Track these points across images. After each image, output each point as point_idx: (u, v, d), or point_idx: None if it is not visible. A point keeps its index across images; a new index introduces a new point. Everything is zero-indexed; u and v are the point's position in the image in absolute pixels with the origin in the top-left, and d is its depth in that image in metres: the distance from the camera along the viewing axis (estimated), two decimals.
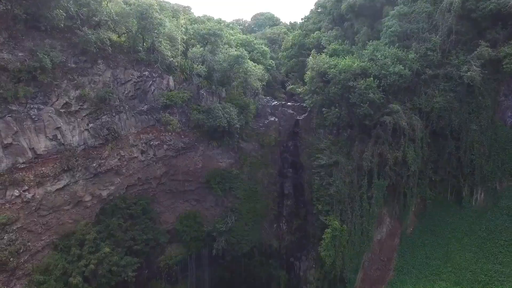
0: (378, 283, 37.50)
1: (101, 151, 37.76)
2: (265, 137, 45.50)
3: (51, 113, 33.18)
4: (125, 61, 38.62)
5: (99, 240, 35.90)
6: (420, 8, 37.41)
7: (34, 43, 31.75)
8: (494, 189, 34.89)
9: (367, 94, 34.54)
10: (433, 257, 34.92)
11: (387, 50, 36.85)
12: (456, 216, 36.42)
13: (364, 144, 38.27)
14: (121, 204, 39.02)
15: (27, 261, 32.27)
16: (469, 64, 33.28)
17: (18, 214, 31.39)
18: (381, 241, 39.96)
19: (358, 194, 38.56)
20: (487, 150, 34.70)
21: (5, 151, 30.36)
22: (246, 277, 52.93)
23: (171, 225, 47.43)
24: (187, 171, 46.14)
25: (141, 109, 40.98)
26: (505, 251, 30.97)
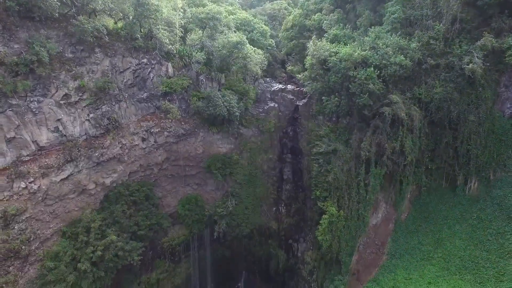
0: (372, 265, 39.49)
1: (103, 141, 38.20)
2: (265, 123, 45.70)
3: (51, 105, 33.23)
4: (122, 49, 37.97)
5: (105, 226, 37.34)
6: None
7: (29, 34, 31.15)
8: (487, 179, 35.75)
9: (367, 85, 34.36)
10: (425, 242, 36.56)
11: (389, 39, 36.10)
12: (449, 203, 37.61)
13: (362, 133, 38.62)
14: (124, 191, 40.08)
15: (38, 248, 33.83)
16: (472, 55, 32.81)
17: (26, 205, 32.46)
18: (376, 226, 41.53)
19: (356, 182, 39.47)
20: (483, 141, 35.11)
21: (8, 145, 30.79)
22: (246, 255, 55.44)
23: (173, 208, 49.00)
24: (188, 157, 46.89)
25: (140, 97, 40.89)
26: (492, 239, 32.40)
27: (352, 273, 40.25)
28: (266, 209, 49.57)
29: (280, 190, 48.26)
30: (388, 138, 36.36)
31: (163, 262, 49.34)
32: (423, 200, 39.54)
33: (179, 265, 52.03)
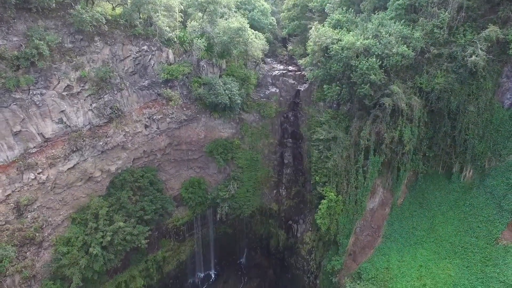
0: (368, 247, 41.61)
1: (106, 129, 38.76)
2: (266, 108, 45.96)
3: (54, 97, 33.41)
4: (122, 36, 37.36)
5: (112, 212, 38.93)
6: None
7: (27, 26, 30.67)
8: (482, 167, 36.73)
9: (369, 76, 34.28)
10: (418, 227, 38.32)
11: (392, 27, 35.40)
12: (444, 190, 38.93)
13: (362, 121, 39.08)
14: (129, 177, 41.26)
15: (50, 234, 35.60)
16: (475, 46, 32.48)
17: (36, 195, 33.73)
18: (373, 210, 43.20)
19: (354, 168, 40.51)
20: (481, 131, 35.65)
21: (15, 138, 31.41)
22: (248, 233, 58.04)
23: (177, 191, 50.56)
24: (190, 141, 47.65)
25: (142, 84, 40.83)
26: (482, 226, 33.99)
27: (349, 254, 42.47)
28: (267, 191, 51.18)
29: (280, 173, 49.53)
30: (388, 128, 36.89)
31: (168, 241, 51.79)
32: (419, 186, 40.85)
33: (184, 243, 54.66)
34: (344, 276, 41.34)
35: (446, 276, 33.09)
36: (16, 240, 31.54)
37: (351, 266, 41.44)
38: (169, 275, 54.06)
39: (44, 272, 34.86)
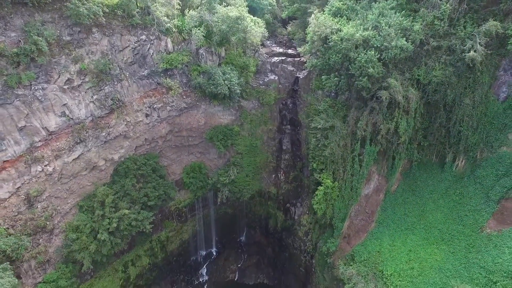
0: (361, 231, 43.78)
1: (108, 120, 39.48)
2: (265, 95, 46.31)
3: (55, 91, 33.83)
4: (120, 27, 37.02)
5: (118, 200, 40.62)
6: None
7: (24, 21, 30.49)
8: (474, 158, 37.85)
9: (367, 69, 34.46)
10: (410, 214, 40.18)
11: (393, 18, 35.01)
12: (436, 178, 40.35)
13: (360, 112, 39.69)
14: (132, 166, 42.55)
15: (60, 221, 37.48)
16: (474, 39, 32.40)
17: (44, 186, 35.16)
18: (368, 195, 44.90)
19: (351, 157, 41.70)
20: (475, 123, 36.40)
21: (21, 133, 32.25)
22: (247, 213, 60.39)
23: (179, 175, 52.15)
24: (191, 128, 48.49)
25: (141, 74, 40.97)
26: (469, 215, 35.72)
27: (343, 237, 44.73)
28: (266, 176, 52.76)
29: (279, 159, 50.82)
30: (384, 119, 37.62)
31: (171, 223, 54.18)
32: (413, 174, 42.26)
33: (186, 224, 57.14)
34: (338, 257, 43.84)
35: (432, 260, 35.35)
36: (29, 229, 33.37)
37: (345, 248, 43.82)
38: (173, 254, 57.07)
39: (57, 256, 37.14)
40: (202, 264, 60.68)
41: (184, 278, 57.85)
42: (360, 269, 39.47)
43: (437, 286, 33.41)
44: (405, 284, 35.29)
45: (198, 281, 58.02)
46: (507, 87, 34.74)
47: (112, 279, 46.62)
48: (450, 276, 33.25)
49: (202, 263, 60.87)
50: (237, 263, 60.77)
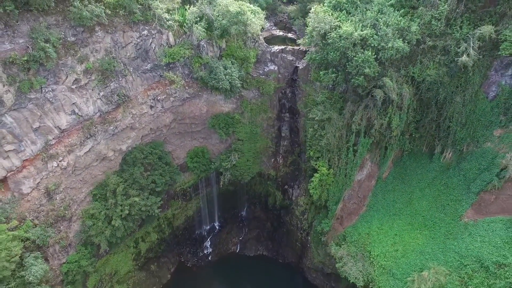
0: (353, 214, 47.54)
1: (115, 114, 41.31)
2: (265, 86, 47.57)
3: (64, 91, 35.36)
4: (122, 24, 37.50)
5: (128, 187, 43.72)
6: None
7: (30, 26, 31.24)
8: (461, 151, 40.29)
9: (364, 68, 35.72)
10: (398, 200, 43.57)
11: (391, 17, 35.44)
12: (425, 168, 43.17)
13: (355, 106, 41.43)
14: (140, 155, 45.13)
15: (77, 209, 40.87)
16: (469, 42, 33.33)
17: (60, 179, 37.99)
18: (361, 181, 48.04)
19: (346, 147, 44.19)
20: (464, 119, 38.37)
21: (36, 134, 34.36)
22: (248, 190, 64.13)
23: (183, 160, 55.00)
24: (193, 116, 50.34)
25: (145, 68, 42.04)
26: (451, 204, 39.04)
27: (336, 218, 48.63)
28: (266, 160, 55.59)
29: (278, 145, 53.30)
30: (378, 114, 39.54)
31: (177, 202, 58.07)
32: (404, 163, 45.05)
33: (190, 202, 61.10)
34: (331, 236, 48.12)
35: (415, 244, 39.36)
36: (50, 218, 36.79)
37: (338, 229, 47.93)
38: (179, 229, 61.75)
39: (76, 240, 41.05)
40: (206, 237, 65.57)
41: (190, 250, 62.99)
42: (350, 249, 43.78)
43: (417, 267, 37.69)
44: (390, 264, 39.65)
45: (203, 253, 63.21)
46: (496, 86, 36.27)
47: (125, 254, 51.37)
48: (429, 258, 37.39)
49: (206, 236, 65.75)
50: (238, 236, 65.65)
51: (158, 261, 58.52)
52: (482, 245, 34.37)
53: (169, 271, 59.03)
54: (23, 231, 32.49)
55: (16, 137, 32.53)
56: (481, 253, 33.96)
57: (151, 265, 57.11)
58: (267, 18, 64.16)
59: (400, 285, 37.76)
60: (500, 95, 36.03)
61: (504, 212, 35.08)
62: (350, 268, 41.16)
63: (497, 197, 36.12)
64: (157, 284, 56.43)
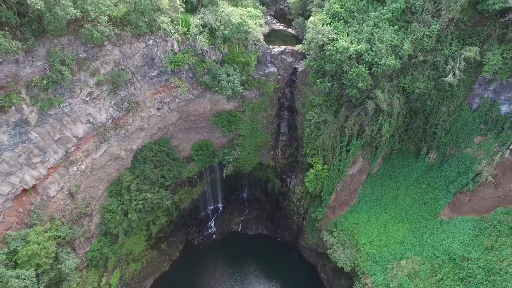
0: (344, 205, 52.39)
1: (126, 119, 44.45)
2: (265, 87, 50.03)
3: (79, 104, 38.28)
4: (129, 36, 39.32)
5: (140, 183, 48.09)
6: None
7: (47, 49, 33.45)
8: (444, 154, 43.86)
9: (357, 82, 38.34)
10: (385, 195, 48.11)
11: (385, 33, 37.26)
12: (411, 167, 47.13)
13: (349, 111, 44.36)
14: (149, 153, 48.98)
15: (96, 205, 45.58)
16: (456, 61, 35.60)
17: (80, 180, 42.16)
18: (353, 175, 52.30)
19: (339, 146, 47.83)
20: (448, 127, 41.52)
21: (57, 144, 37.85)
22: (249, 175, 68.77)
23: (188, 152, 58.91)
24: (198, 114, 53.35)
25: (151, 74, 44.39)
26: (432, 201, 43.54)
27: (329, 207, 53.62)
28: (265, 152, 59.48)
29: (277, 140, 56.85)
30: (369, 121, 42.73)
31: (183, 188, 62.98)
32: (392, 160, 48.96)
33: (196, 187, 66.06)
34: (324, 223, 53.49)
35: (397, 236, 44.58)
36: (74, 216, 41.54)
37: (330, 217, 53.14)
38: (185, 210, 67.35)
39: (97, 230, 46.24)
40: (211, 217, 71.46)
41: (195, 230, 69.09)
42: (340, 237, 49.22)
43: (397, 256, 43.25)
44: (374, 252, 45.23)
45: (208, 232, 69.35)
46: (479, 99, 39.07)
47: (138, 237, 57.21)
48: (408, 249, 42.81)
49: (211, 216, 71.62)
50: (240, 216, 71.45)
51: (168, 241, 64.71)
52: (453, 241, 39.49)
53: (178, 249, 65.44)
54: (54, 230, 37.27)
55: (41, 149, 36.09)
56: (451, 248, 39.18)
57: (161, 244, 63.35)
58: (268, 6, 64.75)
59: (382, 271, 43.60)
60: (482, 106, 38.96)
61: (475, 212, 39.74)
62: (339, 255, 46.84)
63: (471, 199, 40.59)
64: (167, 261, 63.05)
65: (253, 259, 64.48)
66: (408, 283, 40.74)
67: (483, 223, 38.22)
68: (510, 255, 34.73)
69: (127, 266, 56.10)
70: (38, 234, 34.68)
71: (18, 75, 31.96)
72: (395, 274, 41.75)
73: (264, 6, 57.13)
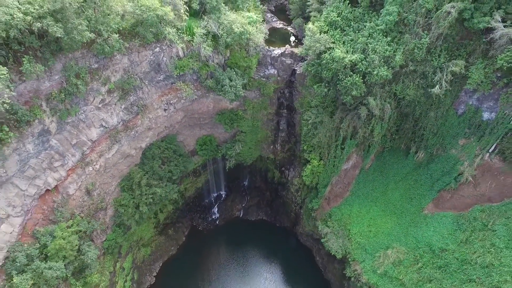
0: (338, 197, 56.49)
1: (135, 121, 47.55)
2: (266, 88, 52.65)
3: (92, 110, 41.33)
4: (137, 45, 41.68)
5: (150, 179, 51.94)
6: (423, 0, 36.76)
7: (62, 64, 36.07)
8: (431, 153, 47.17)
9: (352, 90, 41.14)
10: (376, 190, 52.03)
11: (379, 44, 39.47)
12: (401, 164, 50.69)
13: (344, 113, 47.38)
14: (157, 151, 52.51)
15: (109, 199, 49.68)
16: (443, 73, 38.20)
17: (95, 178, 45.95)
18: (347, 170, 56.00)
19: (334, 145, 51.18)
20: (435, 130, 44.62)
21: (74, 148, 41.23)
22: (250, 165, 72.63)
23: (193, 146, 62.40)
24: (202, 112, 56.35)
25: (158, 79, 47.00)
26: (418, 197, 47.46)
27: (325, 198, 57.84)
28: (266, 146, 62.95)
29: (276, 136, 60.13)
30: (362, 124, 45.88)
31: (188, 178, 67.08)
32: (384, 157, 52.49)
33: (200, 177, 70.19)
34: (320, 213, 57.95)
35: (385, 227, 48.99)
36: (92, 211, 45.73)
37: (325, 208, 57.50)
38: (190, 198, 71.91)
39: (111, 222, 50.65)
40: (214, 204, 76.11)
41: (200, 216, 73.92)
42: (334, 226, 53.75)
43: (384, 245, 47.87)
44: (364, 242, 49.87)
45: (211, 218, 74.22)
46: (465, 105, 41.96)
47: (147, 224, 61.90)
48: (394, 240, 47.33)
49: (214, 203, 76.26)
50: (241, 203, 76.07)
51: (174, 226, 69.65)
52: (433, 234, 43.85)
53: (184, 234, 70.54)
54: (75, 225, 41.49)
55: (60, 154, 39.53)
56: (432, 240, 43.61)
57: (168, 230, 68.34)
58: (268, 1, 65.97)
59: (370, 259, 48.41)
60: (467, 112, 41.90)
61: (455, 209, 43.78)
62: (333, 244, 51.54)
63: (452, 196, 44.50)
64: (174, 245, 68.31)
65: (254, 243, 69.63)
66: (393, 270, 45.59)
67: (461, 219, 42.40)
68: (481, 248, 39.15)
69: (138, 251, 61.21)
70: (62, 230, 38.88)
71: (39, 90, 34.84)
72: (381, 261, 46.52)
73: (264, 1, 58.53)
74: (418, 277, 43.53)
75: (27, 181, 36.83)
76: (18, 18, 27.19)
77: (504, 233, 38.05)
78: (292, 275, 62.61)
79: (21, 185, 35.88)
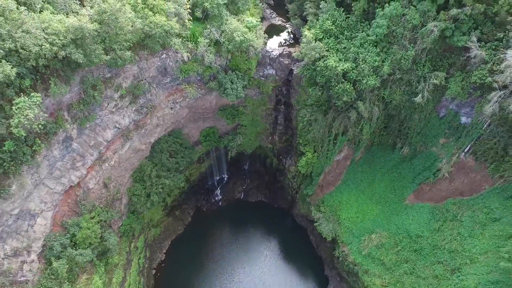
0: (331, 185, 61.94)
1: (145, 120, 51.86)
2: (264, 86, 56.32)
3: (107, 114, 45.60)
4: (146, 53, 45.06)
5: (159, 170, 57.15)
6: (410, 16, 39.57)
7: (80, 76, 39.84)
8: (415, 150, 51.86)
9: (342, 96, 45.13)
10: (364, 180, 57.36)
11: (369, 55, 42.82)
12: (387, 157, 55.57)
13: (336, 113, 51.62)
14: (165, 145, 57.32)
15: (123, 189, 55.19)
16: (426, 83, 41.99)
17: (111, 173, 51.11)
18: (339, 161, 60.97)
19: (327, 140, 55.83)
20: (419, 130, 49.02)
21: (92, 148, 45.92)
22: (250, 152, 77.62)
23: (197, 137, 67.11)
24: (205, 107, 60.45)
25: (165, 81, 50.70)
26: (400, 189, 52.81)
27: (318, 186, 63.42)
28: (264, 137, 67.59)
29: (274, 129, 64.54)
30: (353, 124, 50.28)
31: (193, 165, 72.24)
32: (373, 151, 57.31)
33: (203, 164, 75.43)
34: (314, 199, 63.86)
35: (370, 214, 54.95)
36: (109, 201, 51.38)
37: (319, 194, 63.27)
38: (194, 181, 77.48)
39: (125, 210, 56.55)
40: (217, 187, 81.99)
41: (204, 198, 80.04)
42: (326, 212, 59.83)
43: (369, 230, 54.10)
44: (351, 226, 56.11)
45: (214, 200, 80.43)
46: (446, 109, 46.11)
47: (156, 208, 67.94)
48: (377, 226, 53.47)
49: (217, 186, 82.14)
50: (242, 186, 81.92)
51: (181, 208, 75.94)
52: (412, 222, 49.82)
53: (190, 215, 77.04)
54: (97, 216, 47.26)
55: (81, 155, 44.31)
56: (410, 227, 49.68)
57: (175, 211, 74.69)
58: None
59: (357, 241, 54.89)
60: (447, 116, 46.07)
61: (432, 200, 49.35)
62: (324, 228, 57.84)
63: (430, 189, 49.87)
64: (181, 225, 75.01)
65: (254, 223, 76.24)
66: (376, 251, 52.16)
67: (436, 210, 48.12)
68: (449, 236, 45.22)
69: (149, 231, 67.86)
70: (87, 221, 44.66)
71: (61, 102, 38.95)
72: (366, 244, 52.97)
73: None
74: (397, 258, 50.16)
75: (55, 181, 41.95)
76: (46, 48, 30.69)
77: (469, 224, 43.91)
78: (288, 252, 69.78)
79: (50, 184, 41.03)
